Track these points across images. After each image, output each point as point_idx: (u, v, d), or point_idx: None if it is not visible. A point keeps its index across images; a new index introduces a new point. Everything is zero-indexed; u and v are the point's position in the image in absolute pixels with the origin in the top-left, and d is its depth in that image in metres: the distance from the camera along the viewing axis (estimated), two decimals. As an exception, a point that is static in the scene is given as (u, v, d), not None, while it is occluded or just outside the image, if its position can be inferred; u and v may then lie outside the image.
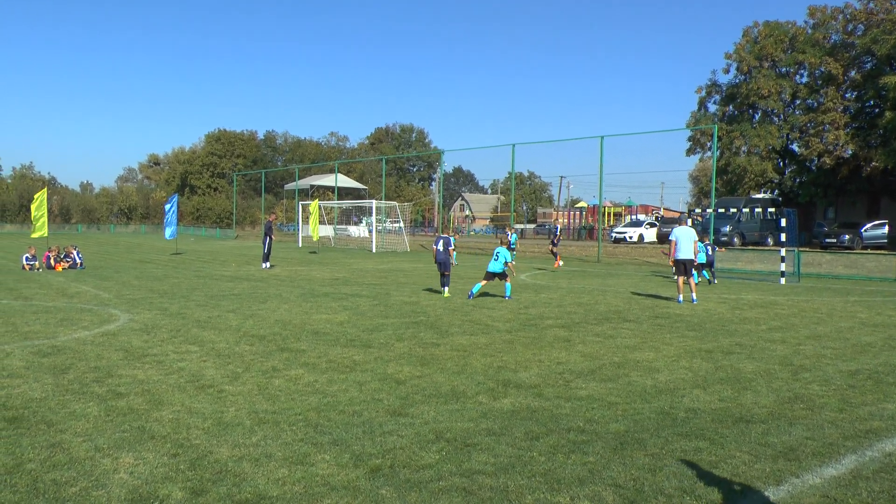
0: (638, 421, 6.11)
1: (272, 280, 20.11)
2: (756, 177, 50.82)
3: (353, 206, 59.77)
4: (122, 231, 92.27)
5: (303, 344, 9.64)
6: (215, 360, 8.42)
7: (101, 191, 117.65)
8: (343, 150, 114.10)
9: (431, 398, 6.79)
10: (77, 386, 7.04)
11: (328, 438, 5.47)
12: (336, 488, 4.48)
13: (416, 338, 10.29)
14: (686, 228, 16.31)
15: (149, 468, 4.77)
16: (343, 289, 17.70)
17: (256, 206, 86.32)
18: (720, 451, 5.32)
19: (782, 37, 51.16)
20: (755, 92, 50.13)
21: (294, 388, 7.13)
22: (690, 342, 10.32)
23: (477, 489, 4.51)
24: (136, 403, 6.41)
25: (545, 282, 21.17)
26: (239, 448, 5.21)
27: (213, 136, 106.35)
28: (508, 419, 6.10)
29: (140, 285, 17.83)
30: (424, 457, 5.09)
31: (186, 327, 10.94)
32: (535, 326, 11.64)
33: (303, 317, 12.31)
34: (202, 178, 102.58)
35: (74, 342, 9.52)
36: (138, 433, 5.53)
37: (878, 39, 43.74)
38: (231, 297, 15.22)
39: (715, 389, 7.35)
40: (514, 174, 43.91)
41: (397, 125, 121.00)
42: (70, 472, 4.69)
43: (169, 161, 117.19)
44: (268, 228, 26.07)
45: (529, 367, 8.35)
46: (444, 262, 16.44)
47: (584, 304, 15.11)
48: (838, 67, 47.58)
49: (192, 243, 50.61)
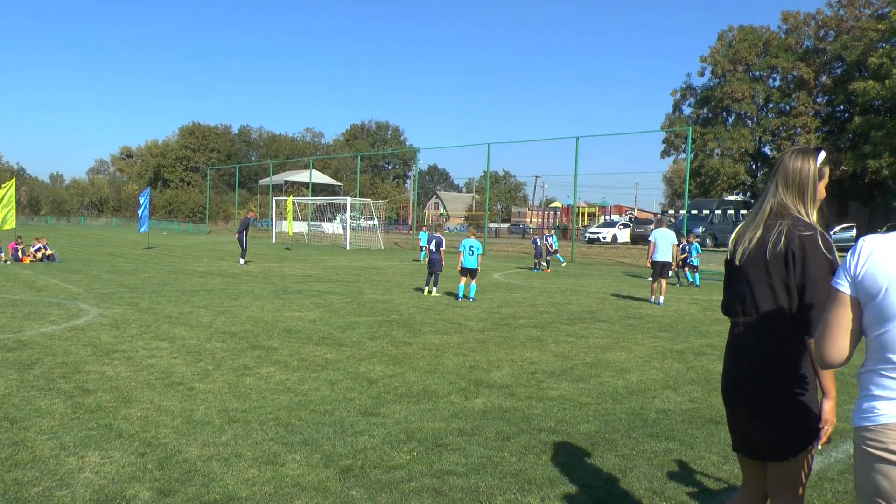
0: (609, 422, 6.14)
1: (245, 276, 19.96)
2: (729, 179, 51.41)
3: (328, 202, 59.50)
4: (93, 224, 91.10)
5: (275, 341, 9.57)
6: (186, 357, 8.33)
7: (71, 182, 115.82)
8: (318, 147, 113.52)
9: (403, 398, 6.77)
10: (43, 382, 6.92)
11: (299, 438, 5.43)
12: (306, 489, 4.45)
13: (388, 336, 10.26)
14: (666, 230, 16.42)
15: (115, 467, 4.70)
16: (316, 286, 17.61)
17: (230, 201, 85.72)
18: (690, 452, 5.36)
19: (756, 41, 51.80)
20: (729, 95, 50.69)
21: (265, 386, 7.07)
22: (662, 343, 10.39)
23: (448, 490, 4.50)
24: (103, 400, 6.32)
25: (518, 281, 21.22)
26: (208, 447, 5.15)
27: (187, 129, 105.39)
28: (480, 419, 6.10)
29: (110, 279, 17.60)
30: (395, 457, 5.07)
31: (157, 323, 10.82)
32: (508, 326, 11.66)
33: (275, 314, 12.22)
34: (175, 171, 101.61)
35: (41, 337, 9.37)
36: (105, 431, 5.45)
37: (847, 46, 44.44)
38: (203, 293, 15.08)
39: (686, 390, 7.40)
40: (490, 173, 43.97)
41: (373, 122, 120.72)
42: (33, 470, 4.60)
43: (142, 154, 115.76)
44: (244, 225, 25.94)
45: (502, 366, 8.36)
46: (436, 262, 16.42)
47: (557, 303, 15.17)
48: (810, 72, 48.24)
49: (165, 237, 50.09)
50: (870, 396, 2.07)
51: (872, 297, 2.07)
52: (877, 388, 2.06)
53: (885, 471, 1.97)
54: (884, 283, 2.04)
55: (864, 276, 2.09)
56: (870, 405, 2.06)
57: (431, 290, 16.30)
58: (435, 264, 16.39)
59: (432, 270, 16.43)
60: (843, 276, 2.17)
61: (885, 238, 2.12)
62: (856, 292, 2.12)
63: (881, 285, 2.04)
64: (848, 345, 2.13)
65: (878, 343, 2.05)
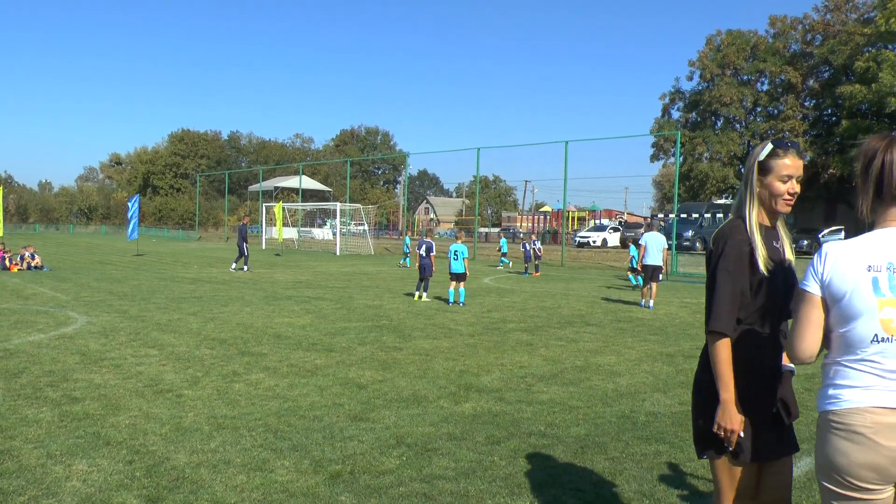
0: (599, 425, 6.14)
1: (235, 283, 19.90)
2: (718, 183, 51.64)
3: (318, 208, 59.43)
4: (82, 231, 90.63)
5: (264, 348, 9.54)
6: (175, 364, 8.29)
7: (60, 190, 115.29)
8: (308, 152, 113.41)
9: (393, 403, 6.75)
10: (30, 390, 6.87)
11: (288, 444, 5.41)
12: (295, 495, 4.43)
13: (378, 341, 10.24)
14: (656, 234, 16.45)
15: (103, 475, 4.67)
16: (306, 292, 17.57)
17: (220, 208, 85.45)
18: (680, 455, 5.36)
19: (744, 45, 52.08)
20: (717, 99, 50.94)
21: (254, 392, 7.04)
22: (652, 346, 10.41)
23: (437, 494, 4.49)
24: (91, 408, 6.28)
25: (508, 285, 21.24)
26: (197, 454, 5.13)
27: (177, 136, 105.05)
28: (470, 423, 6.09)
29: (99, 287, 17.51)
30: (385, 462, 5.05)
31: (146, 330, 10.77)
32: (498, 330, 11.65)
33: (265, 320, 12.19)
34: (165, 178, 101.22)
35: (29, 345, 9.30)
36: (93, 439, 5.41)
37: (834, 50, 44.73)
38: (192, 300, 15.02)
39: (675, 393, 7.41)
40: (479, 178, 44.00)
41: (363, 127, 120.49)
42: (19, 480, 4.56)
43: (131, 161, 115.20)
44: (241, 232, 25.94)
45: (491, 371, 8.35)
46: (426, 267, 16.41)
47: (547, 307, 15.18)
48: (797, 76, 48.54)
49: (155, 244, 49.89)
50: (834, 385, 2.35)
51: (837, 300, 2.33)
52: (840, 378, 2.34)
53: (845, 448, 2.25)
54: (848, 288, 2.30)
55: (831, 281, 2.35)
56: (835, 392, 2.34)
57: (422, 296, 16.29)
58: (425, 269, 16.38)
59: (423, 275, 16.43)
60: (811, 278, 2.40)
61: (847, 245, 2.37)
62: (823, 293, 2.38)
63: (846, 290, 2.31)
64: (817, 341, 2.39)
65: (843, 339, 2.34)
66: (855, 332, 2.30)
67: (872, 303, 2.27)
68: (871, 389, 2.25)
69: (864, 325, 2.28)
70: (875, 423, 2.21)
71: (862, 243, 2.36)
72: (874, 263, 2.30)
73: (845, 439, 2.26)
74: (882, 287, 2.28)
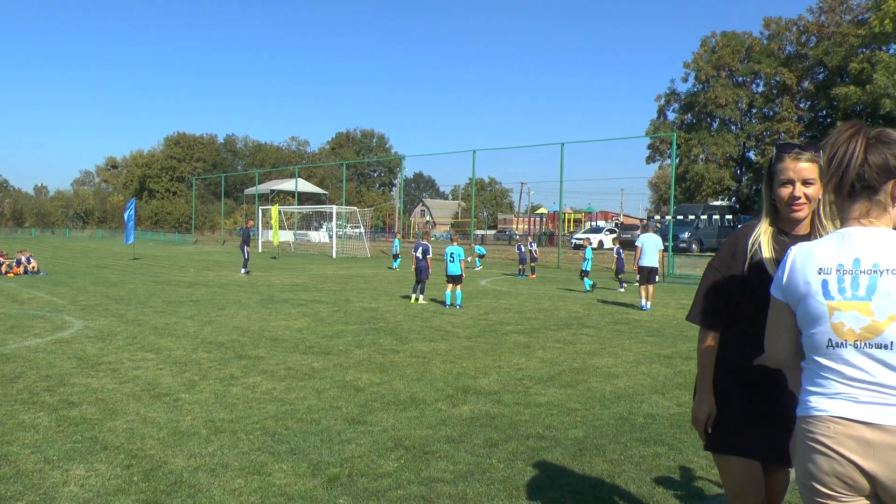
0: (597, 427, 6.14)
1: (231, 286, 19.87)
2: (714, 184, 51.73)
3: (314, 211, 59.37)
4: (78, 235, 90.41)
5: (261, 351, 9.53)
6: (172, 368, 8.28)
7: (56, 194, 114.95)
8: (304, 155, 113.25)
9: (390, 405, 6.75)
10: (27, 395, 6.85)
11: (286, 447, 5.40)
12: (293, 498, 4.42)
13: (375, 344, 10.24)
14: (652, 236, 16.48)
15: (100, 480, 4.66)
16: (303, 295, 17.56)
17: (216, 211, 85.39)
18: (678, 457, 5.37)
19: (739, 47, 52.21)
20: (713, 101, 51.05)
21: (252, 396, 7.04)
22: (649, 348, 10.42)
23: (435, 497, 4.48)
24: (88, 413, 6.27)
25: (505, 288, 21.24)
26: (194, 458, 5.12)
27: (173, 139, 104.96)
28: (468, 426, 6.09)
29: (96, 291, 17.48)
30: (383, 465, 5.05)
31: (143, 334, 10.75)
32: (495, 332, 11.66)
33: (262, 323, 12.17)
34: (161, 181, 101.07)
35: (25, 350, 9.28)
36: (90, 444, 5.40)
37: (829, 51, 44.87)
38: (189, 304, 15.00)
39: (674, 395, 7.42)
40: (475, 180, 44.04)
41: (358, 130, 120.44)
42: (16, 485, 4.55)
43: (127, 164, 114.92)
44: (245, 235, 26.07)
45: (489, 373, 8.35)
46: (422, 269, 16.42)
47: (544, 309, 15.19)
48: (792, 78, 48.65)
49: (151, 248, 49.81)
50: (805, 390, 2.28)
51: (795, 304, 2.28)
52: (809, 384, 2.26)
53: (813, 457, 2.19)
54: (803, 290, 2.24)
55: (788, 282, 2.30)
56: (804, 397, 2.27)
57: (418, 298, 16.29)
58: (422, 272, 16.39)
59: (419, 278, 16.44)
60: (776, 282, 2.36)
61: (806, 247, 2.30)
62: (785, 298, 2.32)
63: (802, 292, 2.25)
64: (788, 345, 2.34)
65: (808, 343, 2.26)
66: (814, 338, 2.22)
67: (823, 307, 2.19)
68: (835, 398, 2.17)
69: (819, 330, 2.20)
70: (837, 433, 2.13)
71: (819, 245, 2.28)
72: (825, 265, 2.22)
73: (811, 447, 2.19)
74: (831, 290, 2.19)
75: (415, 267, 16.69)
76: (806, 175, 2.73)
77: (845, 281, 2.18)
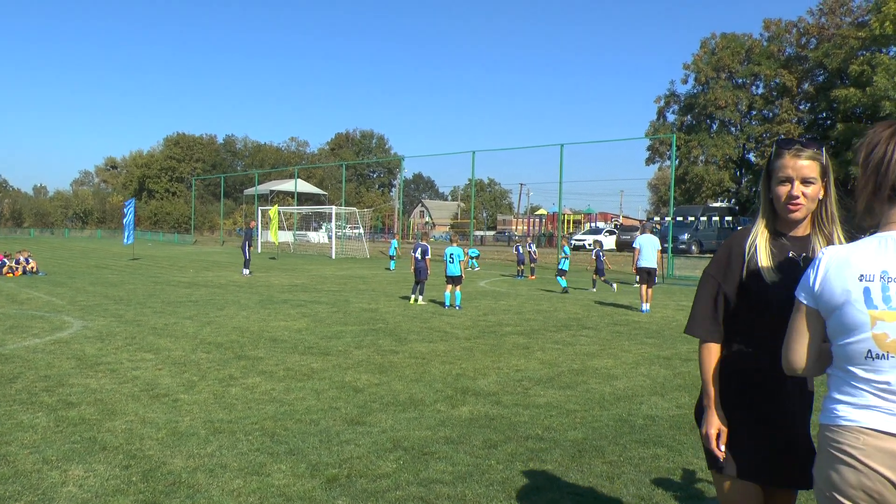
0: (596, 428, 6.14)
1: (230, 287, 19.87)
2: (713, 186, 51.76)
3: (313, 211, 59.36)
4: (78, 236, 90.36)
5: (260, 351, 9.52)
6: (171, 369, 8.27)
7: (55, 194, 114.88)
8: (303, 156, 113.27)
9: (389, 406, 6.74)
10: (25, 395, 6.85)
11: (284, 448, 5.40)
12: (292, 499, 4.42)
13: (374, 345, 10.23)
14: (650, 237, 16.47)
15: (99, 480, 4.65)
16: (302, 295, 17.55)
17: (215, 212, 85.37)
18: (678, 458, 5.36)
19: (739, 49, 52.26)
20: (712, 102, 51.08)
21: (251, 396, 7.03)
22: (649, 349, 10.41)
23: (434, 498, 4.48)
24: (87, 413, 6.26)
25: (504, 289, 21.24)
26: (193, 458, 5.11)
27: (172, 139, 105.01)
28: (467, 427, 6.08)
29: (95, 291, 17.47)
30: (382, 466, 5.05)
31: (142, 334, 10.74)
32: (495, 334, 11.65)
33: (261, 324, 12.17)
34: (160, 182, 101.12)
35: (24, 350, 9.28)
36: (89, 444, 5.40)
37: (829, 53, 44.89)
38: (188, 304, 14.99)
39: (673, 396, 7.42)
40: (475, 181, 44.03)
41: (358, 131, 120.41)
42: (14, 485, 4.55)
43: (126, 165, 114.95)
44: (247, 235, 26.13)
45: (488, 374, 8.35)
46: (421, 270, 16.42)
47: (544, 311, 15.19)
48: (792, 79, 48.68)
49: (150, 248, 49.80)
50: (832, 398, 2.19)
51: (830, 312, 2.14)
52: (837, 392, 2.17)
53: (836, 467, 2.10)
54: (841, 298, 2.11)
55: (822, 291, 2.15)
56: (831, 406, 2.18)
57: (417, 299, 16.29)
58: (421, 273, 16.39)
59: (418, 279, 16.44)
60: (804, 286, 2.23)
61: (842, 251, 2.17)
62: (815, 304, 2.19)
63: (837, 302, 2.12)
64: (806, 352, 2.23)
65: (841, 352, 2.15)
66: (850, 347, 2.09)
67: (864, 316, 2.05)
68: (867, 409, 2.06)
69: (858, 340, 2.07)
70: (867, 444, 2.03)
71: (857, 249, 2.13)
72: (867, 272, 2.07)
73: (837, 458, 2.09)
74: (875, 298, 2.05)
75: (414, 268, 16.70)
76: (806, 173, 2.57)
77: (891, 289, 2.05)
